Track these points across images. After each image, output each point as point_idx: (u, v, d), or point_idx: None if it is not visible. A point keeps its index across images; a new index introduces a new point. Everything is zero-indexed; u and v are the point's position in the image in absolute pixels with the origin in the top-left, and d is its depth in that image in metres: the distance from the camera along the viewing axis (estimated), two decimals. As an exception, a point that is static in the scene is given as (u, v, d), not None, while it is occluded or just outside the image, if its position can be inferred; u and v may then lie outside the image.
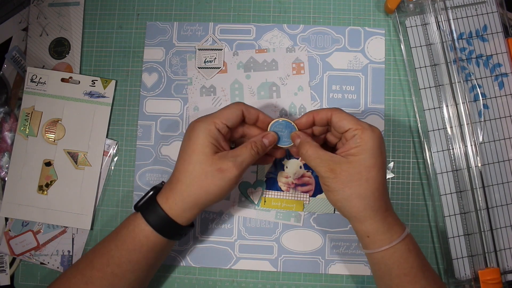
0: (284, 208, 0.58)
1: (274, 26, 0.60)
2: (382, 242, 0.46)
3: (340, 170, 0.45)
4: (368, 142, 0.45)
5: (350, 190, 0.45)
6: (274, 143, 0.51)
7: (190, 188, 0.47)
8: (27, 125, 0.59)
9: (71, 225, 0.59)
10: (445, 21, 0.57)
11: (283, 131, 0.51)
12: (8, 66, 0.61)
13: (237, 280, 0.58)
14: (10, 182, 0.59)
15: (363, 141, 0.45)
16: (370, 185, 0.45)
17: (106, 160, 0.59)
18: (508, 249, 0.56)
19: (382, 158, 0.46)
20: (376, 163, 0.45)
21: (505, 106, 0.57)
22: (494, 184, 0.57)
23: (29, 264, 0.59)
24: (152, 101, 0.60)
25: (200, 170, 0.46)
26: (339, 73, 0.59)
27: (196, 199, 0.47)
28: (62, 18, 0.61)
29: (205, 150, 0.46)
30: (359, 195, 0.45)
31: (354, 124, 0.46)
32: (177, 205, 0.47)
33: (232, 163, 0.47)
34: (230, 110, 0.49)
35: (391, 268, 0.46)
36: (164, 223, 0.47)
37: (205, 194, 0.47)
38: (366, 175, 0.45)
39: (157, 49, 0.60)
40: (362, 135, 0.45)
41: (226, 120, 0.48)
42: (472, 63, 0.58)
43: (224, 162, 0.46)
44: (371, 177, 0.45)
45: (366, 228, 0.46)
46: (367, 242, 0.47)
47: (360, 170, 0.45)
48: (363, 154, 0.45)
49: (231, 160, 0.47)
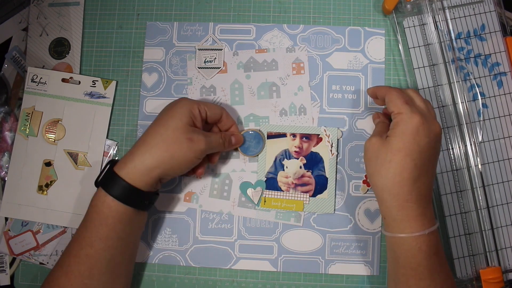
0: (284, 208, 0.58)
1: (274, 26, 0.60)
2: (393, 228, 0.47)
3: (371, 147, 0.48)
4: (400, 126, 0.46)
5: (374, 168, 0.47)
6: (238, 145, 0.56)
7: (154, 149, 0.48)
8: (27, 125, 0.59)
9: (71, 226, 0.59)
10: (443, 21, 0.58)
11: (251, 141, 0.57)
12: (8, 66, 0.61)
13: (237, 280, 0.58)
14: (10, 182, 0.59)
15: (396, 124, 0.47)
16: (392, 167, 0.45)
17: (106, 160, 0.59)
18: (510, 247, 0.56)
19: (414, 146, 0.45)
20: (404, 148, 0.45)
21: (504, 105, 0.58)
22: (494, 183, 0.57)
23: (29, 264, 0.59)
24: (152, 101, 0.60)
25: (172, 134, 0.48)
26: (339, 73, 0.59)
27: (158, 161, 0.48)
28: (62, 18, 0.62)
29: (182, 119, 0.49)
30: (380, 175, 0.46)
31: (396, 107, 0.47)
32: (135, 168, 0.47)
33: (202, 137, 0.50)
34: (215, 106, 0.53)
35: (398, 257, 0.47)
36: (124, 190, 0.47)
37: (169, 157, 0.48)
38: (391, 157, 0.46)
39: (157, 49, 0.61)
40: (398, 119, 0.47)
41: (208, 110, 0.52)
42: (470, 63, 0.58)
43: (196, 134, 0.49)
44: (396, 160, 0.45)
45: (382, 209, 0.48)
46: (384, 222, 0.48)
47: (387, 151, 0.46)
48: (394, 137, 0.46)
49: (202, 135, 0.50)
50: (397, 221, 0.46)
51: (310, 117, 0.59)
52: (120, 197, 0.47)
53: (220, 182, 0.58)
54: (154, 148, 0.48)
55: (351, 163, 0.58)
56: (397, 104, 0.47)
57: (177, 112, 0.49)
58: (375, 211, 0.57)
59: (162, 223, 0.58)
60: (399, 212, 0.46)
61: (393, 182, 0.45)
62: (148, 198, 0.50)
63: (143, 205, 0.50)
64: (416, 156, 0.45)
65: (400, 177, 0.45)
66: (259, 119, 0.59)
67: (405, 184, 0.45)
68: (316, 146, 0.58)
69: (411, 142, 0.45)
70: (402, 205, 0.46)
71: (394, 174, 0.45)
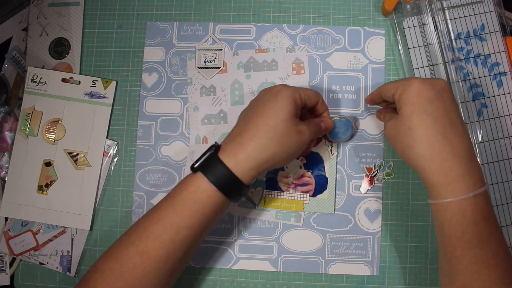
0: (284, 208, 0.58)
1: (274, 26, 0.60)
2: (436, 196, 0.44)
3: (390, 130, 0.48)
4: (403, 96, 0.46)
5: (401, 144, 0.46)
6: (328, 130, 0.54)
7: (268, 143, 0.46)
8: (27, 125, 0.59)
9: (71, 225, 0.59)
10: (443, 21, 0.58)
11: (340, 128, 0.56)
12: (8, 66, 0.61)
13: (237, 280, 0.58)
14: (10, 182, 0.59)
15: (400, 97, 0.46)
16: (414, 132, 0.45)
17: (106, 160, 0.59)
18: (510, 247, 0.56)
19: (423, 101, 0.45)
20: (414, 109, 0.45)
21: (504, 105, 0.58)
22: (494, 183, 0.57)
23: (29, 264, 0.59)
24: (152, 101, 0.60)
25: (283, 127, 0.46)
26: (339, 73, 0.59)
27: (270, 155, 0.46)
28: (62, 18, 0.62)
29: (290, 109, 0.47)
30: (408, 146, 0.45)
31: (393, 87, 0.48)
32: (248, 161, 0.45)
33: (307, 127, 0.48)
34: (313, 92, 0.51)
35: (442, 225, 0.44)
36: (228, 181, 0.45)
37: (280, 152, 0.46)
38: (408, 124, 0.45)
39: (157, 49, 0.61)
40: (399, 94, 0.47)
41: (308, 97, 0.50)
42: (470, 63, 0.58)
43: (302, 126, 0.48)
44: (414, 123, 0.45)
45: (424, 180, 0.46)
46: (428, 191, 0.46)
47: (403, 122, 0.45)
48: (402, 107, 0.46)
49: (307, 126, 0.49)
50: (438, 186, 0.44)
51: (310, 117, 0.59)
52: (223, 188, 0.45)
53: (220, 182, 0.58)
54: (268, 142, 0.46)
55: (351, 163, 0.58)
56: (391, 87, 0.48)
57: (284, 103, 0.47)
58: (375, 211, 0.58)
59: (162, 223, 0.58)
60: (439, 176, 0.43)
61: (423, 146, 0.44)
62: (246, 191, 0.48)
63: (237, 197, 0.48)
64: (431, 110, 0.44)
65: (426, 136, 0.44)
66: (259, 119, 0.59)
67: (435, 141, 0.44)
68: (316, 146, 0.58)
69: (419, 100, 0.45)
70: (440, 167, 0.43)
71: (420, 137, 0.44)
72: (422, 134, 0.44)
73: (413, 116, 0.45)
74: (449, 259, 0.44)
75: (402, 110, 0.46)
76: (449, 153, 0.43)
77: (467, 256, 0.42)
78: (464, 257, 0.43)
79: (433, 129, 0.44)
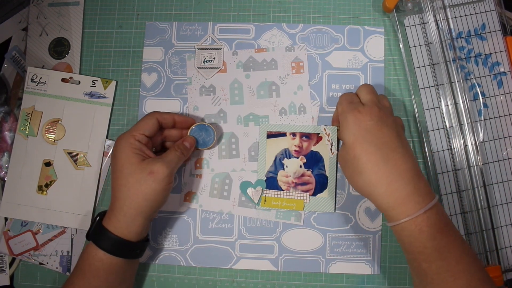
0: (284, 208, 0.58)
1: (273, 25, 0.60)
2: (391, 218, 0.46)
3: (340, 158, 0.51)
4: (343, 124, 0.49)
5: (348, 172, 0.49)
6: (194, 145, 0.56)
7: (128, 200, 0.48)
8: (27, 125, 0.59)
9: (71, 226, 0.59)
10: (444, 20, 0.58)
11: (200, 135, 0.57)
12: (8, 66, 0.61)
13: (237, 280, 0.58)
14: (10, 182, 0.59)
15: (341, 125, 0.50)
16: (358, 161, 0.47)
17: (106, 160, 0.59)
18: (510, 247, 0.56)
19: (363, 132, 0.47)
20: (355, 139, 0.47)
21: (504, 104, 0.57)
22: (494, 183, 0.57)
23: (28, 264, 0.59)
24: (151, 101, 0.60)
25: (132, 180, 0.48)
26: (338, 72, 0.59)
27: (136, 208, 0.48)
28: (62, 18, 0.62)
29: (131, 161, 0.49)
30: (355, 174, 0.47)
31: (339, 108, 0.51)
32: (120, 222, 0.48)
33: (161, 163, 0.49)
34: (145, 121, 0.52)
35: (404, 243, 0.46)
36: (114, 243, 0.48)
37: (143, 200, 0.48)
38: (352, 153, 0.47)
39: (156, 49, 0.61)
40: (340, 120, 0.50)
41: (143, 131, 0.51)
42: (471, 62, 0.58)
43: (153, 164, 0.49)
44: (357, 152, 0.47)
45: (375, 204, 0.48)
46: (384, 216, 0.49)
47: (348, 152, 0.48)
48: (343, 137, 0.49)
49: (159, 161, 0.50)
50: (390, 209, 0.45)
51: (310, 116, 0.59)
52: (111, 250, 0.48)
53: (220, 181, 0.58)
54: (127, 199, 0.48)
55: (351, 162, 0.58)
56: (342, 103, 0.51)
57: (123, 159, 0.49)
58: (376, 210, 0.57)
59: (162, 223, 0.58)
60: (389, 199, 0.45)
61: (368, 172, 0.46)
62: (139, 247, 0.51)
63: (134, 254, 0.51)
64: (372, 138, 0.46)
65: (370, 163, 0.46)
66: (258, 118, 0.59)
67: (380, 168, 0.45)
68: (316, 145, 0.58)
69: (358, 131, 0.47)
70: (388, 190, 0.45)
71: (364, 165, 0.46)
72: (366, 161, 0.46)
73: (356, 145, 0.47)
74: (417, 273, 0.46)
75: (345, 139, 0.49)
76: (395, 175, 0.45)
77: (432, 268, 0.44)
78: (429, 270, 0.44)
79: (375, 155, 0.46)
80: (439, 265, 0.44)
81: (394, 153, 0.46)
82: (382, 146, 0.46)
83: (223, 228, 0.58)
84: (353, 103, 0.50)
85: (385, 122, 0.48)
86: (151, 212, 0.50)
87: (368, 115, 0.48)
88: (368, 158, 0.46)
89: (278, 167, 0.58)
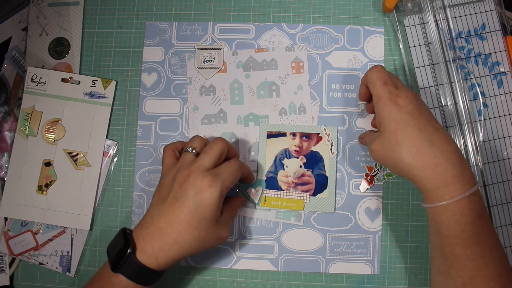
0: (285, 208, 0.58)
1: (273, 25, 0.60)
2: (432, 199, 0.45)
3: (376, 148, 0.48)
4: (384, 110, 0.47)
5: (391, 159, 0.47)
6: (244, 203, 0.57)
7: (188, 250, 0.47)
8: (27, 125, 0.59)
9: (71, 226, 0.59)
10: (444, 20, 0.58)
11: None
12: (8, 66, 0.61)
13: (237, 280, 0.58)
14: (10, 182, 0.59)
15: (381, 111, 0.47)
16: (402, 145, 0.45)
17: (106, 160, 0.59)
18: (509, 247, 0.56)
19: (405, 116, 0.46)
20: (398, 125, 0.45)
21: (504, 104, 0.57)
22: (494, 183, 0.57)
23: (28, 264, 0.59)
24: (151, 101, 0.60)
25: (204, 236, 0.47)
26: (338, 72, 0.59)
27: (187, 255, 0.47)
28: (62, 18, 0.62)
29: (214, 218, 0.47)
30: (399, 160, 0.46)
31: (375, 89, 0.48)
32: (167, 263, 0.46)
33: (227, 230, 0.50)
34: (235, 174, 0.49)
35: (441, 227, 0.45)
36: (148, 276, 0.46)
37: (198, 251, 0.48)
38: (395, 138, 0.46)
39: (156, 49, 0.61)
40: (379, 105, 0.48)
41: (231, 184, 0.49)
42: (471, 62, 0.58)
43: (223, 230, 0.49)
44: (400, 137, 0.45)
45: (418, 187, 0.46)
46: (423, 196, 0.47)
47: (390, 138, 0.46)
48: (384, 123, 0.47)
49: (227, 228, 0.50)
50: (435, 190, 0.44)
51: (310, 116, 0.59)
52: (136, 279, 0.46)
53: (220, 181, 0.58)
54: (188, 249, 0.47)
55: (351, 162, 0.58)
56: (376, 86, 0.48)
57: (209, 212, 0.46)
58: (376, 210, 0.57)
59: (162, 223, 0.58)
60: (435, 181, 0.44)
61: (412, 157, 0.45)
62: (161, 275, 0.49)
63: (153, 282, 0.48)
64: (414, 122, 0.45)
65: (414, 147, 0.45)
66: (258, 118, 0.59)
67: (424, 150, 0.44)
68: (316, 145, 0.58)
69: (400, 116, 0.46)
70: (434, 172, 0.44)
71: (408, 149, 0.45)
72: (410, 146, 0.45)
73: (398, 131, 0.46)
74: (447, 258, 0.44)
75: (385, 126, 0.47)
76: (440, 157, 0.44)
77: (467, 253, 0.43)
78: (463, 255, 0.43)
79: (419, 138, 0.45)
80: (475, 251, 0.43)
81: (436, 134, 0.45)
82: (424, 129, 0.45)
83: (223, 228, 0.58)
84: (387, 84, 0.48)
85: (422, 103, 0.47)
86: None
87: (407, 98, 0.46)
88: (412, 142, 0.45)
89: (278, 167, 0.58)
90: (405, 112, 0.46)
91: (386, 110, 0.47)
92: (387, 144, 0.47)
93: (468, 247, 0.43)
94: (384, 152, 0.47)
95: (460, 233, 0.43)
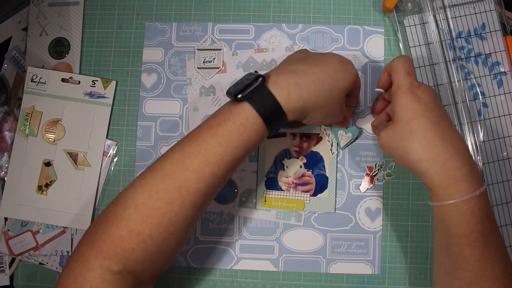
0: (285, 208, 0.58)
1: (273, 25, 0.60)
2: (441, 197, 0.44)
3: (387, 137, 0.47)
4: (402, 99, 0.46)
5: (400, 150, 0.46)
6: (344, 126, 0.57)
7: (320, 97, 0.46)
8: (27, 125, 0.59)
9: (71, 226, 0.59)
10: (444, 20, 0.58)
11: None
12: (8, 66, 0.61)
13: (237, 280, 0.58)
14: (10, 182, 0.59)
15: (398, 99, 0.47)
16: (414, 136, 0.44)
17: (106, 160, 0.59)
18: (509, 247, 0.56)
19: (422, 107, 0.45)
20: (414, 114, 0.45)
21: (504, 104, 0.57)
22: (494, 183, 0.57)
23: (28, 264, 0.59)
24: (151, 102, 0.60)
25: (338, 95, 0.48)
26: (338, 72, 0.59)
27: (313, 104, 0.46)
28: (62, 18, 0.62)
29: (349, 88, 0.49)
30: (408, 151, 0.45)
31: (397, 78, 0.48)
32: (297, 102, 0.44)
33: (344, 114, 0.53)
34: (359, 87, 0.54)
35: (450, 226, 0.44)
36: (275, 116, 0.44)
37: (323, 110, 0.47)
38: (408, 128, 0.45)
39: (156, 49, 0.61)
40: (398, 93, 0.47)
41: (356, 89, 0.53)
42: (471, 62, 0.58)
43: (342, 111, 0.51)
44: (413, 127, 0.45)
45: (426, 182, 0.45)
46: (431, 193, 0.46)
47: (402, 127, 0.45)
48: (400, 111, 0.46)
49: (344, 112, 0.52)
50: (444, 187, 0.43)
51: (310, 116, 0.59)
52: (269, 123, 0.44)
53: (220, 182, 0.58)
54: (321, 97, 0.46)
55: (351, 162, 0.58)
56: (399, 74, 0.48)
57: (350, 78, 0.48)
58: (376, 210, 0.57)
59: (162, 223, 0.58)
60: (444, 177, 0.43)
61: (423, 148, 0.44)
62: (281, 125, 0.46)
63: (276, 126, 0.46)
64: (430, 114, 0.45)
65: (426, 139, 0.44)
66: (259, 118, 0.59)
67: (435, 144, 0.44)
68: (316, 146, 0.58)
69: (418, 106, 0.45)
70: (444, 168, 0.43)
71: (420, 140, 0.44)
72: (422, 137, 0.44)
73: (413, 120, 0.45)
74: (455, 258, 0.44)
75: (400, 115, 0.46)
76: (452, 153, 0.43)
77: (475, 254, 0.43)
78: (471, 255, 0.43)
79: (432, 131, 0.44)
80: (482, 251, 0.43)
81: (450, 131, 0.45)
82: (439, 123, 0.45)
83: (223, 228, 0.58)
84: (411, 75, 0.48)
85: (439, 101, 0.47)
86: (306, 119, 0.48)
87: (427, 91, 0.46)
88: (424, 134, 0.44)
89: (278, 167, 0.58)
90: (423, 104, 0.45)
91: (404, 99, 0.46)
92: (398, 133, 0.46)
93: (477, 248, 0.43)
94: (394, 141, 0.46)
95: (469, 233, 0.43)
